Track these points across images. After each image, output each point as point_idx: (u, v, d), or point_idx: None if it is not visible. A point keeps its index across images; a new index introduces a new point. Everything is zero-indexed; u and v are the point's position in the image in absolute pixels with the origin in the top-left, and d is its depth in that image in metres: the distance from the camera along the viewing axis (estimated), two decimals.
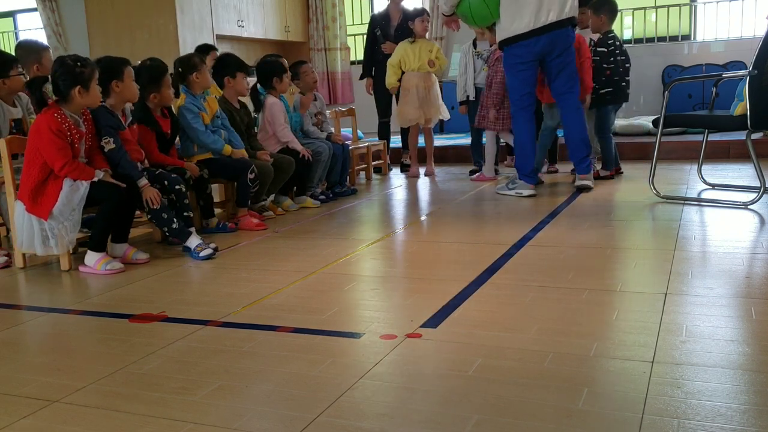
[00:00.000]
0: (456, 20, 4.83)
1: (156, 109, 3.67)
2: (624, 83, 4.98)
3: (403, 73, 5.64)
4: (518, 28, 4.23)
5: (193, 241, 3.32)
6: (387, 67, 5.67)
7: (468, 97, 5.69)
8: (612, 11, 4.97)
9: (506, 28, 4.30)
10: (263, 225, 3.91)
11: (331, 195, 4.90)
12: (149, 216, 3.33)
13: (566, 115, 4.42)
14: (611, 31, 4.96)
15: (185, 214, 3.47)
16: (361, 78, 6.22)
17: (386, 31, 6.01)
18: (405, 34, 5.74)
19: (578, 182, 4.42)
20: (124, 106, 3.40)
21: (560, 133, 5.57)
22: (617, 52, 4.93)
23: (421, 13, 5.72)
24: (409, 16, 5.80)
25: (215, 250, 3.31)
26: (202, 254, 3.27)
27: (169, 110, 3.80)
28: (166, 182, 3.42)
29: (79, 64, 3.07)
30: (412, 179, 5.77)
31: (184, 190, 3.49)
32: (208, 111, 4.01)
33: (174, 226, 3.33)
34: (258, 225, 3.88)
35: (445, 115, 5.80)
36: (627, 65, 5.02)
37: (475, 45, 5.64)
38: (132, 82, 3.35)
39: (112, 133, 3.26)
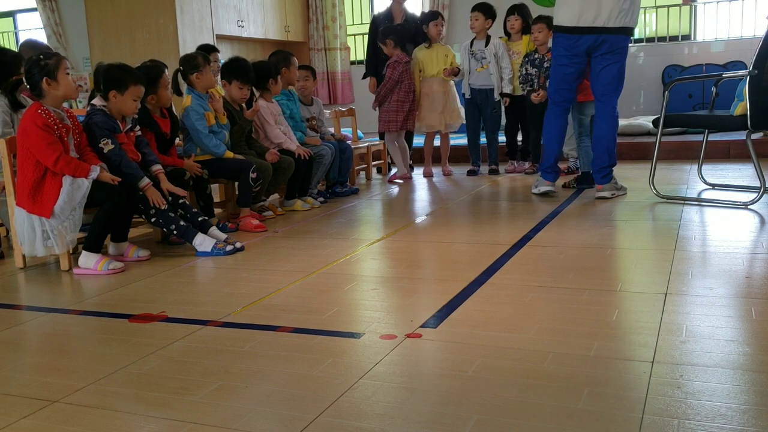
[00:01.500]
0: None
1: (154, 110, 3.67)
2: None
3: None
4: (563, 21, 4.15)
5: (206, 241, 3.32)
6: None
7: (464, 95, 5.74)
8: None
9: (556, 16, 4.23)
10: (262, 226, 3.90)
11: (328, 195, 4.91)
12: (153, 219, 3.32)
13: (599, 119, 4.29)
14: None
15: (200, 219, 3.47)
16: (364, 77, 6.22)
17: None
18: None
19: (597, 194, 4.30)
20: (120, 116, 3.38)
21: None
22: None
23: (435, 16, 5.71)
24: (421, 20, 5.81)
25: (237, 248, 3.35)
26: (227, 249, 3.30)
27: (169, 110, 3.80)
28: (170, 198, 3.42)
29: (42, 57, 3.09)
30: (411, 179, 5.77)
31: (188, 203, 3.50)
32: (213, 111, 4.00)
33: (181, 223, 3.33)
34: (257, 226, 3.88)
35: (464, 118, 5.82)
36: None
37: (471, 44, 5.65)
38: (132, 101, 3.31)
39: (108, 134, 3.26)
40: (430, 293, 2.53)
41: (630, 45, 4.38)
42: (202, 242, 3.31)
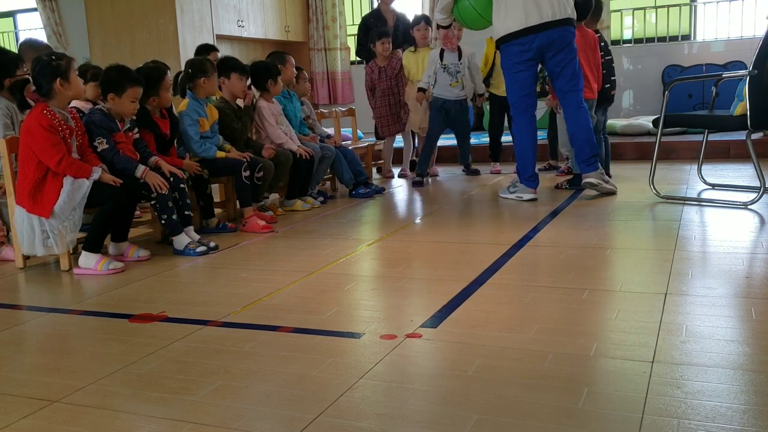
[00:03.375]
0: (452, 37, 4.78)
1: (154, 111, 3.67)
2: (608, 84, 4.95)
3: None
4: (510, 27, 4.15)
5: (184, 239, 3.36)
6: None
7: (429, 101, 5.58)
8: (597, 11, 4.93)
9: (498, 28, 4.24)
10: (269, 228, 3.86)
11: (328, 196, 4.91)
12: (153, 201, 3.33)
13: (569, 115, 4.33)
14: (597, 32, 4.93)
15: (186, 213, 3.50)
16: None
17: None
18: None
19: (584, 181, 4.33)
20: (119, 117, 3.39)
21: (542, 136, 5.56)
22: (602, 53, 4.90)
23: (419, 21, 5.67)
24: (408, 25, 5.80)
25: (210, 248, 3.37)
26: (198, 250, 3.31)
27: (169, 111, 3.79)
28: (171, 179, 3.45)
29: (54, 57, 3.10)
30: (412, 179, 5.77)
31: (186, 189, 3.52)
32: (209, 118, 4.00)
33: (174, 217, 3.36)
34: (264, 227, 3.84)
35: None
36: (612, 65, 5.00)
37: (441, 57, 5.32)
38: (130, 102, 3.32)
39: (104, 134, 3.27)
40: (430, 293, 2.53)
41: (629, 45, 4.34)
42: (179, 240, 3.36)
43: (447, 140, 6.26)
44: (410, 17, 6.04)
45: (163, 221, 3.38)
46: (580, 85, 4.29)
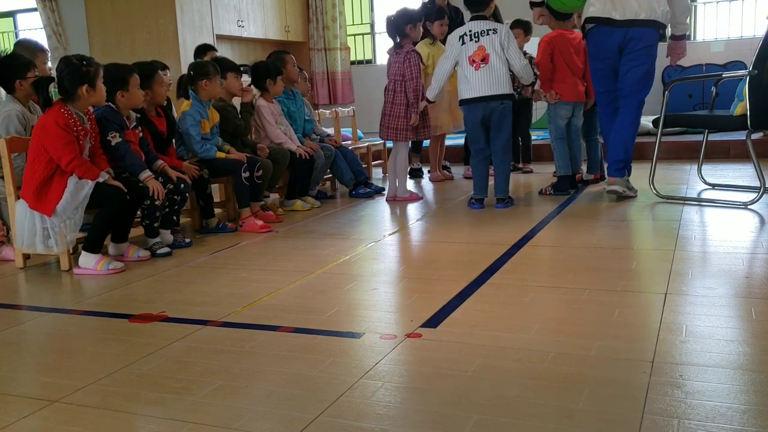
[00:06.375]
0: (544, 13, 4.63)
1: (150, 108, 3.68)
2: None
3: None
4: (593, 12, 4.03)
5: (151, 240, 3.40)
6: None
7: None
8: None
9: (586, 10, 4.11)
10: (267, 227, 3.87)
11: (328, 196, 4.91)
12: (145, 205, 3.35)
13: (619, 116, 4.18)
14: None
15: (174, 217, 3.55)
16: None
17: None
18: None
19: (608, 187, 4.18)
20: (128, 112, 3.44)
21: (545, 136, 5.54)
22: None
23: (440, 15, 5.49)
24: (427, 17, 5.65)
25: (170, 248, 3.44)
26: (159, 252, 3.36)
27: (165, 109, 3.81)
28: (182, 185, 3.52)
29: (84, 62, 3.11)
30: (414, 180, 5.76)
31: (188, 197, 3.58)
32: (210, 120, 4.00)
33: (155, 224, 3.40)
34: (262, 227, 3.84)
35: None
36: None
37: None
38: (137, 90, 3.39)
39: (117, 128, 3.31)
40: (430, 293, 2.53)
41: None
42: (151, 240, 3.44)
43: (451, 139, 6.24)
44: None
45: (144, 224, 3.43)
46: (641, 94, 4.11)
